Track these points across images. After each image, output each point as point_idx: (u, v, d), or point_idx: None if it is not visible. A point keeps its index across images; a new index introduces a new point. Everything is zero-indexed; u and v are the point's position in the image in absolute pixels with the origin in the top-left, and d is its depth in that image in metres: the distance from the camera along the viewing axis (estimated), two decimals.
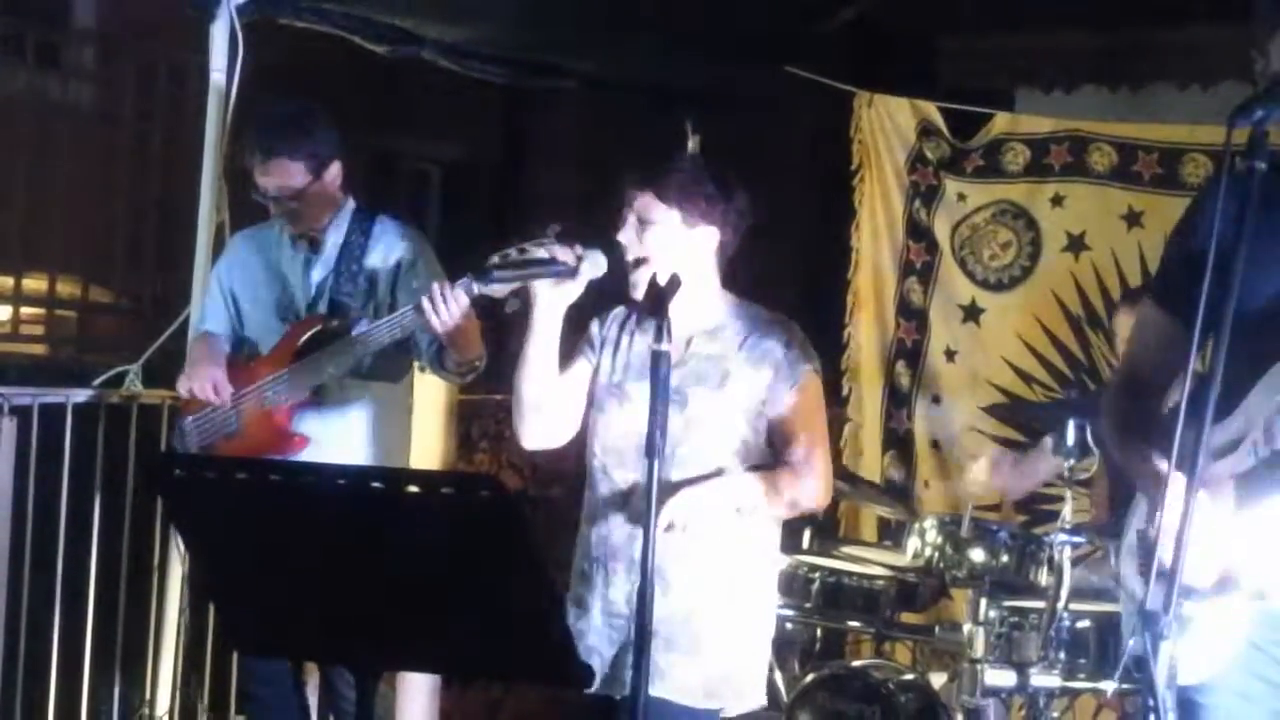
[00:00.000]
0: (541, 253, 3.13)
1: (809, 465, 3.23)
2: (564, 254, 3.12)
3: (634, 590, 3.10)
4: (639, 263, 3.18)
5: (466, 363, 3.82)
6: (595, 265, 3.15)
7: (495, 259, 3.23)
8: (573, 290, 3.16)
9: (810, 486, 3.24)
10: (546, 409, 3.26)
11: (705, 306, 3.23)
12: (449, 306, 3.39)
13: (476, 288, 3.35)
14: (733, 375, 3.21)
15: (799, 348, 3.25)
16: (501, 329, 3.78)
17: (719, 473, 3.18)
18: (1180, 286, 2.51)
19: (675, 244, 3.20)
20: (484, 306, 3.46)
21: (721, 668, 3.21)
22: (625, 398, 3.25)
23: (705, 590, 3.20)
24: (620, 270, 3.19)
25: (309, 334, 3.98)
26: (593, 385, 3.31)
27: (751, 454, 3.23)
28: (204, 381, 3.97)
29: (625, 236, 3.20)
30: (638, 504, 3.15)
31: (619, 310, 3.34)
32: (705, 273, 3.26)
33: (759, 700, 3.32)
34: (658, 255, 3.18)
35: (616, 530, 3.23)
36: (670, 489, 3.08)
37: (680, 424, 3.14)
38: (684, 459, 3.17)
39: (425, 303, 3.44)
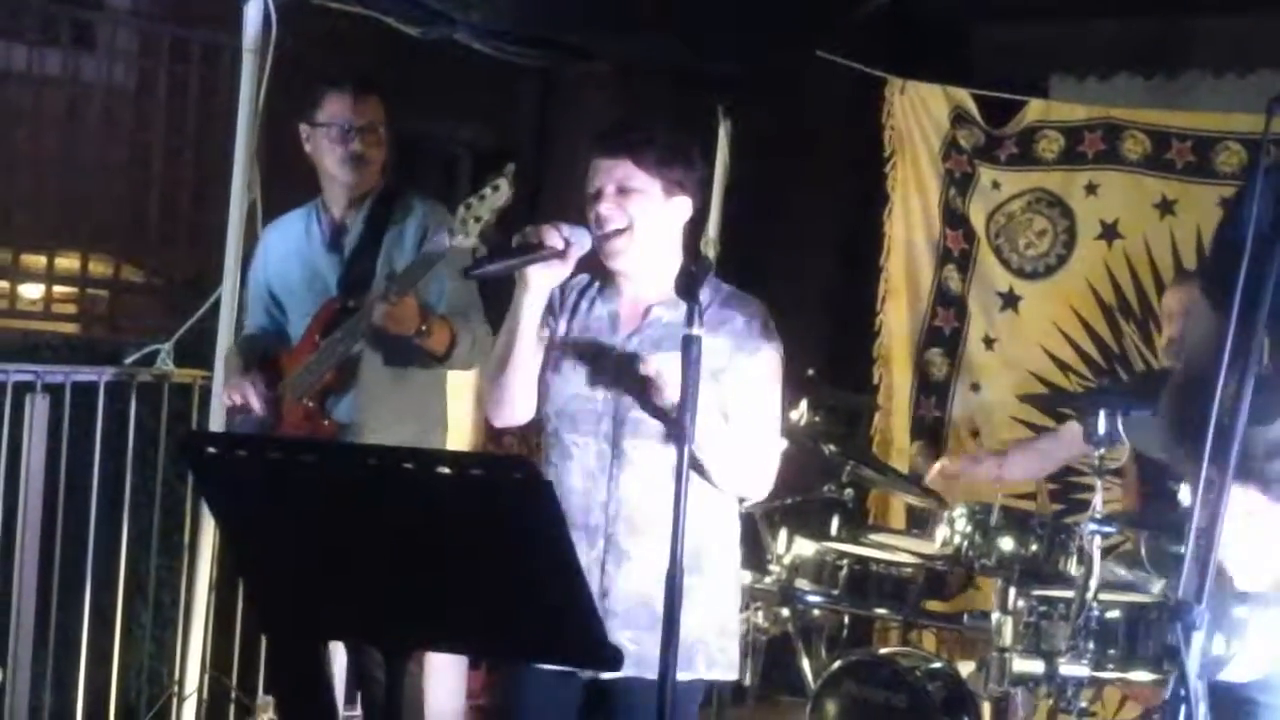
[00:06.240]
0: (531, 238, 3.10)
1: (754, 454, 3.16)
2: (552, 238, 3.09)
3: (589, 562, 3.04)
4: (619, 233, 3.14)
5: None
6: (582, 245, 3.13)
7: (484, 248, 3.38)
8: (562, 271, 3.14)
9: (749, 475, 3.18)
10: (527, 384, 3.22)
11: (668, 276, 3.13)
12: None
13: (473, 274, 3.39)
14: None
15: (760, 324, 3.17)
16: None
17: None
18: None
19: (656, 213, 3.16)
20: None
21: (685, 638, 3.00)
22: (578, 361, 3.21)
23: (662, 564, 2.93)
24: (596, 241, 3.15)
25: (328, 319, 4.01)
26: (548, 349, 3.25)
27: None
28: (234, 393, 4.05)
29: (605, 208, 3.15)
30: (591, 467, 3.13)
31: (581, 277, 3.28)
32: (673, 243, 3.22)
33: (731, 672, 3.23)
34: (641, 224, 3.14)
35: (568, 496, 3.13)
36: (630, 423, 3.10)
37: (636, 389, 3.09)
38: (636, 422, 3.12)
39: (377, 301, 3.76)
